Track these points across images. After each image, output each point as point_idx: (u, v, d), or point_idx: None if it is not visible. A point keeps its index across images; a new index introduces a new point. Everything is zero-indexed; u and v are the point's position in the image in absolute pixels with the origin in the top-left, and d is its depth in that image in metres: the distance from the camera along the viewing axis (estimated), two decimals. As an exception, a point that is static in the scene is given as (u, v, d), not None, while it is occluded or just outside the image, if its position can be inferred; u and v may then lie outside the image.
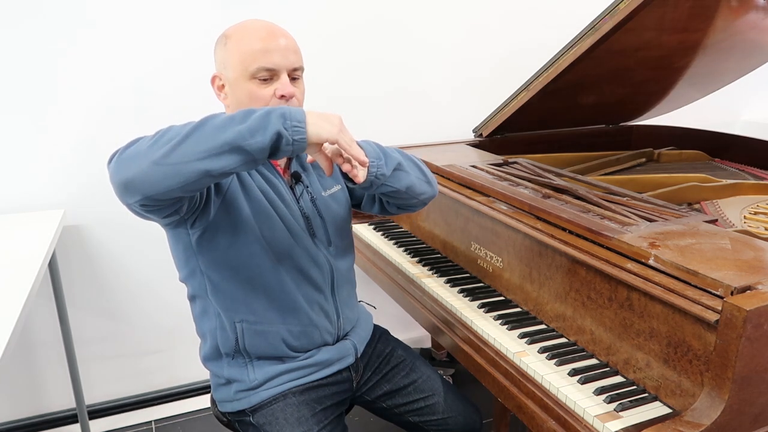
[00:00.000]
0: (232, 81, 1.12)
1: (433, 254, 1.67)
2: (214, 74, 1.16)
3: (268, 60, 1.10)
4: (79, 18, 1.70)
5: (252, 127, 0.89)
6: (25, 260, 1.43)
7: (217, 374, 1.24)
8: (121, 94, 1.80)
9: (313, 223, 1.21)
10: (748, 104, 2.98)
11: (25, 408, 1.96)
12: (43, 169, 1.78)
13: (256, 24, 1.14)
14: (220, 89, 1.16)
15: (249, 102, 1.10)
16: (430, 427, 1.35)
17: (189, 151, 0.87)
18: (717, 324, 0.89)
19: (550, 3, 2.27)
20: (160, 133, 0.91)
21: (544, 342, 1.21)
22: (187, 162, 0.87)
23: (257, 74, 1.10)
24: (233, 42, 1.12)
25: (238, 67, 1.10)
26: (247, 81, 1.10)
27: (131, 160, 0.89)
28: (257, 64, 1.10)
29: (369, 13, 2.03)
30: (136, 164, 0.88)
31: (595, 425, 0.98)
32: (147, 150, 0.89)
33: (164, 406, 2.12)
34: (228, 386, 1.22)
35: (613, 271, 1.08)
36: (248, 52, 1.10)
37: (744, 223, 1.43)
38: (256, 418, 1.19)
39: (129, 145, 0.93)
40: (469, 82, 2.26)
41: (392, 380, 1.35)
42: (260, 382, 1.19)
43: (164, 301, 2.03)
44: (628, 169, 1.97)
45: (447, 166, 1.65)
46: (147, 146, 0.89)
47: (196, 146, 0.88)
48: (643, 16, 1.42)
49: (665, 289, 0.99)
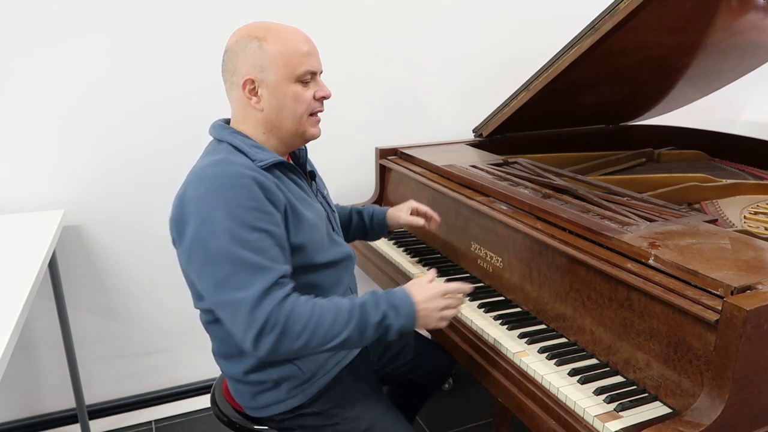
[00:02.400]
0: (272, 84, 1.10)
1: (433, 254, 1.67)
2: (248, 77, 1.09)
3: (311, 63, 1.12)
4: (80, 18, 1.70)
5: (375, 336, 1.07)
6: (25, 260, 1.43)
7: (262, 381, 1.20)
8: (121, 94, 1.80)
9: (331, 217, 1.27)
10: (748, 104, 2.98)
11: (25, 408, 1.96)
12: (43, 169, 1.78)
13: (286, 26, 1.13)
14: (252, 93, 1.11)
15: (293, 105, 1.12)
16: (401, 370, 1.43)
17: (323, 350, 1.05)
18: (717, 324, 0.89)
19: (550, 3, 2.27)
20: (308, 336, 1.02)
21: (544, 342, 1.21)
22: (321, 352, 1.07)
23: (303, 77, 1.11)
24: (272, 44, 1.09)
25: (282, 69, 1.09)
26: (292, 84, 1.11)
27: (282, 354, 1.03)
28: (304, 67, 1.11)
29: (369, 13, 2.03)
30: (284, 355, 1.04)
31: (595, 425, 0.98)
32: (296, 350, 1.03)
33: (164, 406, 2.12)
34: (277, 388, 1.20)
35: (613, 271, 1.08)
36: (294, 54, 1.10)
37: (744, 223, 1.43)
38: (319, 406, 1.21)
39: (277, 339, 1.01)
40: (469, 82, 2.26)
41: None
42: (314, 371, 1.20)
43: (164, 301, 2.03)
44: (628, 169, 1.97)
45: (447, 166, 1.65)
46: (297, 349, 1.03)
47: (329, 349, 1.06)
48: (643, 16, 1.42)
49: (665, 289, 0.99)
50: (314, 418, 1.21)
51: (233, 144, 1.12)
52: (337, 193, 2.01)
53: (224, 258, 1.00)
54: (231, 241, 0.99)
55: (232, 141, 1.12)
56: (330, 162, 1.86)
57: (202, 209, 1.02)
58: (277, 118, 1.13)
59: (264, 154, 1.11)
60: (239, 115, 1.15)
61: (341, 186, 2.03)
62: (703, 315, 0.91)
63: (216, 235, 1.00)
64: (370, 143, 1.99)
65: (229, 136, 1.13)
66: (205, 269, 1.02)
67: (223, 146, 1.12)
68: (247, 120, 1.14)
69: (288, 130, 1.15)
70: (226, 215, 1.00)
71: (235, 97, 1.14)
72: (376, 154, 1.96)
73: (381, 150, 1.95)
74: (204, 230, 1.01)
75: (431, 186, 1.66)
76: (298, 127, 1.15)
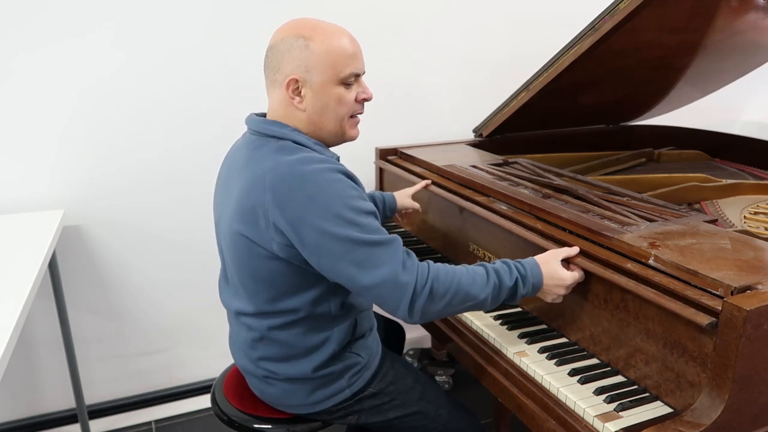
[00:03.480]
0: (318, 85, 1.10)
1: (433, 254, 1.67)
2: (292, 77, 1.09)
3: (357, 65, 1.13)
4: (80, 18, 1.70)
5: (504, 299, 1.16)
6: (25, 260, 1.43)
7: (329, 374, 1.22)
8: (122, 94, 1.80)
9: None
10: (748, 104, 2.97)
11: (25, 408, 1.96)
12: (43, 169, 1.78)
13: (333, 25, 1.13)
14: (295, 93, 1.11)
15: (336, 106, 1.12)
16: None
17: (462, 308, 1.14)
18: (717, 324, 0.89)
19: (550, 3, 2.27)
20: (451, 296, 1.09)
21: (544, 342, 1.21)
22: (459, 311, 1.16)
23: (347, 79, 1.12)
24: (318, 45, 1.08)
25: (329, 71, 1.09)
26: (337, 85, 1.11)
27: (431, 315, 1.10)
28: (350, 69, 1.11)
29: (369, 13, 2.03)
30: (432, 316, 1.11)
31: (595, 425, 0.98)
32: (439, 310, 1.10)
33: (164, 406, 2.12)
34: (340, 378, 1.23)
35: (608, 274, 1.08)
36: (341, 55, 1.10)
37: (744, 223, 1.43)
38: (376, 386, 1.27)
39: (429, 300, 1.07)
40: (469, 82, 2.26)
41: None
42: (367, 357, 1.26)
43: (164, 301, 2.03)
44: (628, 169, 1.97)
45: (447, 166, 1.65)
46: (440, 308, 1.10)
47: (467, 308, 1.14)
48: (643, 16, 1.42)
49: (664, 290, 0.99)
50: (372, 399, 1.26)
51: (298, 142, 1.11)
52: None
53: (354, 245, 1.03)
54: (354, 229, 1.03)
55: (296, 139, 1.12)
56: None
57: (316, 208, 1.02)
58: (319, 119, 1.13)
59: (327, 151, 1.15)
60: (279, 112, 1.14)
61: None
62: (703, 315, 0.91)
63: (339, 227, 1.02)
64: (370, 143, 1.99)
65: (291, 133, 1.12)
66: (340, 263, 1.04)
67: (288, 144, 1.11)
68: (289, 118, 1.14)
69: (329, 131, 1.15)
70: (342, 207, 1.03)
71: (277, 94, 1.13)
72: (376, 154, 1.96)
73: (381, 150, 1.95)
74: (326, 226, 1.02)
75: (431, 186, 1.66)
76: (338, 128, 1.16)
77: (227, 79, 1.89)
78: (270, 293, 1.14)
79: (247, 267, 1.14)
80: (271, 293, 1.14)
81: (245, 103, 1.20)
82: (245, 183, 1.09)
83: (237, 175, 1.14)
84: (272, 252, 1.08)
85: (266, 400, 1.28)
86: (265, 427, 1.26)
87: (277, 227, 1.05)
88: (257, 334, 1.20)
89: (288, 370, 1.21)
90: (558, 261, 1.16)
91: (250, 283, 1.16)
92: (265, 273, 1.12)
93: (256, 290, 1.15)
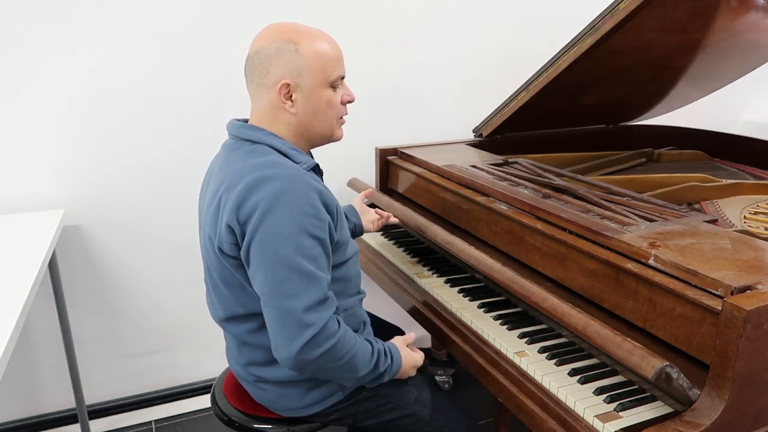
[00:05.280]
0: (308, 88, 1.11)
1: (433, 254, 1.67)
2: (284, 82, 1.10)
3: (342, 67, 1.15)
4: (81, 18, 1.70)
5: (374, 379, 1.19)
6: (25, 260, 1.43)
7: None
8: (122, 94, 1.80)
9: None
10: (748, 104, 2.97)
11: (25, 408, 1.96)
12: (43, 169, 1.78)
13: (315, 29, 1.14)
14: (287, 97, 1.11)
15: (326, 109, 1.14)
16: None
17: (337, 378, 1.17)
18: (717, 324, 0.89)
19: (550, 3, 2.27)
20: (344, 362, 1.10)
21: (544, 342, 1.21)
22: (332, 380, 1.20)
23: (335, 82, 1.14)
24: (306, 48, 1.09)
25: (319, 74, 1.11)
26: (326, 88, 1.13)
27: (315, 368, 1.10)
28: (338, 72, 1.13)
29: (369, 13, 2.03)
30: (315, 370, 1.11)
31: (595, 425, 0.98)
32: (325, 369, 1.10)
33: (164, 406, 2.11)
34: (332, 381, 1.24)
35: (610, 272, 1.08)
36: (329, 59, 1.11)
37: (744, 223, 1.43)
38: (372, 389, 1.27)
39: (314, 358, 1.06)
40: (469, 82, 2.26)
41: None
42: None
43: (164, 301, 2.03)
44: (628, 169, 1.97)
45: (447, 166, 1.65)
46: (330, 368, 1.10)
47: (343, 379, 1.19)
48: (643, 16, 1.42)
49: (664, 290, 0.99)
50: (367, 401, 1.25)
51: (272, 146, 1.11)
52: (337, 193, 2.00)
53: (283, 263, 1.02)
54: (291, 246, 1.02)
55: (271, 143, 1.12)
56: (330, 162, 1.85)
57: (266, 213, 1.02)
58: (310, 123, 1.14)
59: (303, 157, 1.14)
60: (267, 117, 1.14)
61: (341, 186, 2.03)
62: (702, 315, 0.91)
63: (278, 239, 1.02)
64: (370, 143, 1.99)
65: (267, 137, 1.12)
66: (262, 271, 1.04)
67: (260, 148, 1.11)
68: (277, 122, 1.14)
69: (318, 132, 1.17)
70: (289, 221, 1.02)
71: (264, 99, 1.13)
72: (376, 154, 1.96)
73: (381, 150, 1.95)
74: (267, 235, 1.02)
75: (431, 186, 1.66)
76: (328, 130, 1.18)
77: (227, 80, 1.89)
78: (240, 297, 1.15)
79: (218, 271, 1.15)
80: (241, 297, 1.15)
81: (245, 103, 1.20)
82: (215, 186, 1.11)
83: (213, 179, 1.16)
84: (226, 253, 1.09)
85: (262, 404, 1.28)
86: (265, 427, 1.26)
87: (229, 227, 1.06)
88: (239, 339, 1.22)
89: (276, 374, 1.21)
90: (405, 348, 1.27)
91: (223, 288, 1.16)
92: (232, 277, 1.13)
93: (229, 294, 1.16)
